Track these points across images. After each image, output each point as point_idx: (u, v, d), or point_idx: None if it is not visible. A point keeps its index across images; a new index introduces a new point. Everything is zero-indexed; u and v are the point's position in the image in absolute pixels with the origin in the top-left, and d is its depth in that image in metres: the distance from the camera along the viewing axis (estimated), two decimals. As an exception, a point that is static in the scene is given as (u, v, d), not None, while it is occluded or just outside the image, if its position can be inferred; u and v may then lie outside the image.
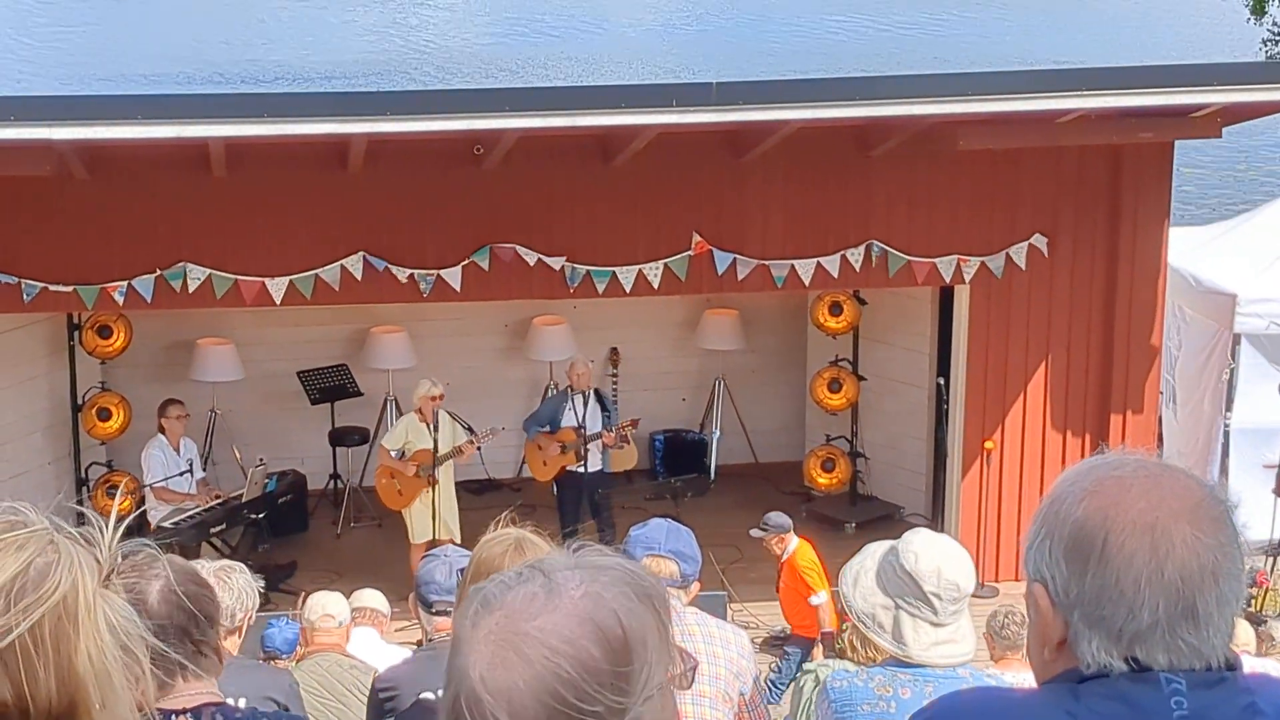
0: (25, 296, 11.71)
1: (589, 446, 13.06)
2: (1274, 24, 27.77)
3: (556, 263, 12.15)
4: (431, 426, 12.56)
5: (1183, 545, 1.95)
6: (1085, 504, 1.99)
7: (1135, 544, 1.95)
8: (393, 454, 12.69)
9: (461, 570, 4.23)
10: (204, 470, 13.30)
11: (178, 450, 12.82)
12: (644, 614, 1.74)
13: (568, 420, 13.07)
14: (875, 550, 4.23)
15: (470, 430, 13.08)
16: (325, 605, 7.87)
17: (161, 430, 12.78)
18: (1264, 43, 27.40)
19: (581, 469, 13.07)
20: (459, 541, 11.30)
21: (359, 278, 11.99)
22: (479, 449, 13.15)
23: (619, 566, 1.79)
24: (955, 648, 4.08)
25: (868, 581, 4.14)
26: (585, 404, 13.12)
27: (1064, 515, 2.00)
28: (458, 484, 13.38)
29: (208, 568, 4.76)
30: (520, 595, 1.74)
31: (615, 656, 1.69)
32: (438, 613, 5.21)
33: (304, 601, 8.12)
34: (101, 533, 1.85)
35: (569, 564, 1.78)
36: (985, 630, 7.90)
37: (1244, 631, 8.65)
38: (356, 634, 8.04)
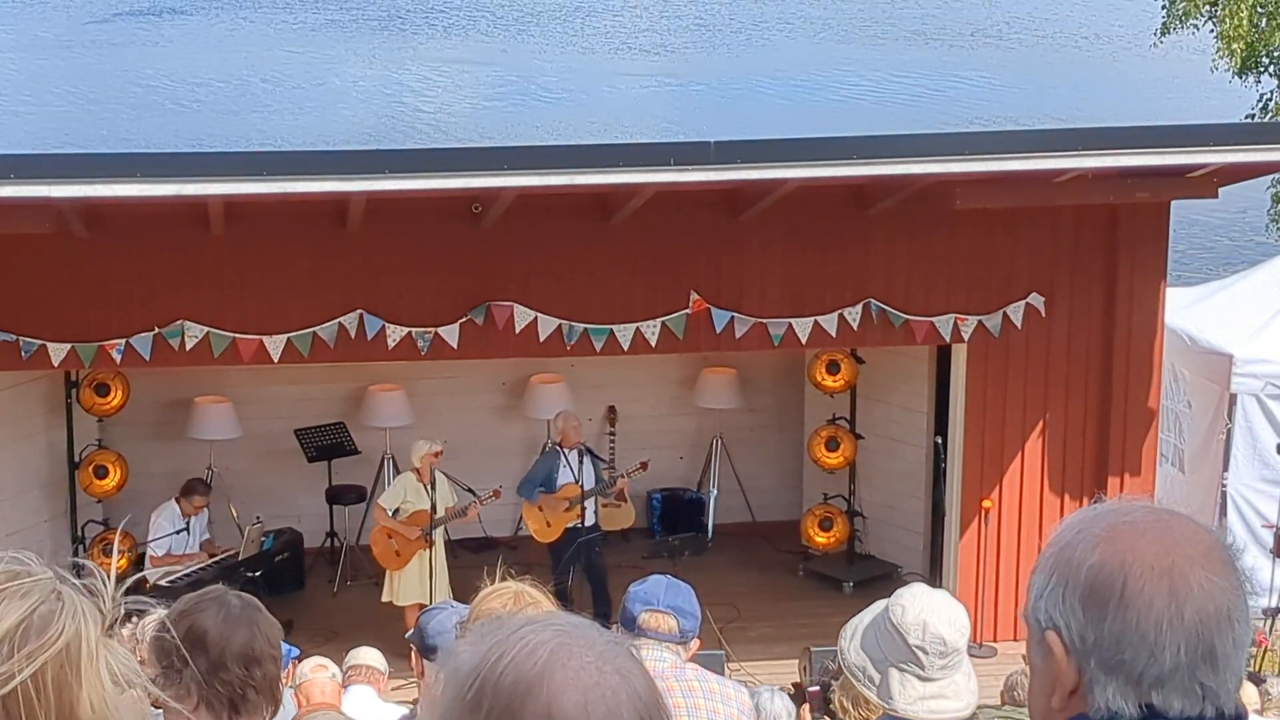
0: (23, 354, 11.71)
1: (586, 502, 13.05)
2: (1260, 99, 27.64)
3: (553, 321, 12.15)
4: (428, 486, 12.52)
5: (1199, 588, 1.95)
6: (1100, 550, 1.98)
7: (1154, 587, 1.95)
8: (389, 513, 12.64)
9: (460, 624, 4.22)
10: (207, 533, 13.25)
11: (188, 526, 12.85)
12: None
13: (564, 478, 13.00)
14: (877, 605, 4.23)
15: (471, 491, 13.03)
16: (316, 659, 7.85)
17: (178, 504, 12.81)
18: (1248, 117, 27.15)
19: (578, 524, 13.06)
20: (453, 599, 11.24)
21: (356, 336, 11.99)
22: (479, 510, 13.10)
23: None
24: (945, 703, 4.04)
25: (861, 636, 4.14)
26: (580, 460, 13.09)
27: (1077, 561, 1.99)
28: (456, 542, 13.28)
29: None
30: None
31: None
32: None
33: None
34: (104, 584, 1.85)
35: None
36: (1002, 689, 7.95)
37: (1249, 692, 8.61)
38: (354, 692, 8.00)
